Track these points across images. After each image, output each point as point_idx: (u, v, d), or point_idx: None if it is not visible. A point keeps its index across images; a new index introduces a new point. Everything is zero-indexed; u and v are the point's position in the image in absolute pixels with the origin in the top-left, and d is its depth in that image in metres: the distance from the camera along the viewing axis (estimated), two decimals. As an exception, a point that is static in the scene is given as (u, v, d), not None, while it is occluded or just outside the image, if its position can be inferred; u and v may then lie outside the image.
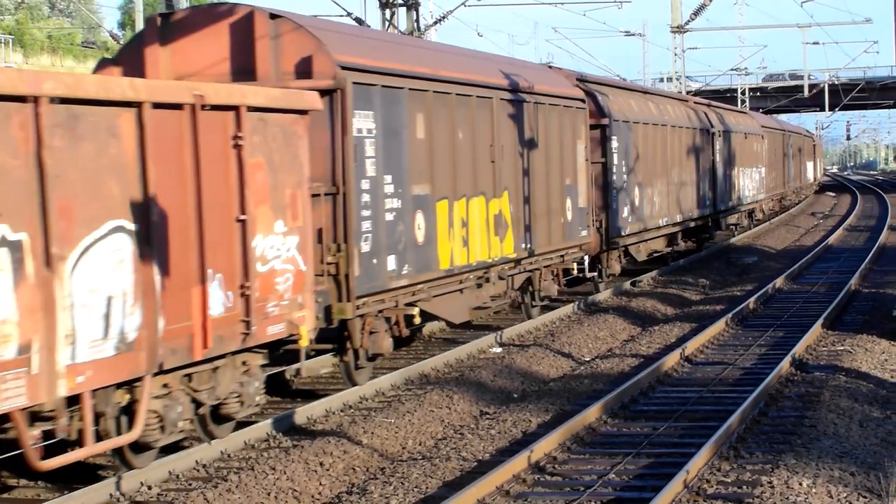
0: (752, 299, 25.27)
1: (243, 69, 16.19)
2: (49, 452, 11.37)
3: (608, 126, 27.46)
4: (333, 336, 16.94)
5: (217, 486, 12.29)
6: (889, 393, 16.43)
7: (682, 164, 34.88)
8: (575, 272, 26.20)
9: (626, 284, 28.87)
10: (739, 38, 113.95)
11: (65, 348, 10.88)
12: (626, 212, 28.63)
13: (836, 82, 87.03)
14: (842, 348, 19.81)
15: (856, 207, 65.73)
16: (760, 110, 76.71)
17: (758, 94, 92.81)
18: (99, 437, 11.85)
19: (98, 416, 11.84)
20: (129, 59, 16.64)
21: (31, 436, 10.88)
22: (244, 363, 14.15)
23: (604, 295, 26.98)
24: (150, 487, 12.46)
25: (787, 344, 20.03)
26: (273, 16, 16.29)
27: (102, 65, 17.15)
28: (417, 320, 18.14)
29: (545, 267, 23.83)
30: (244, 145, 13.43)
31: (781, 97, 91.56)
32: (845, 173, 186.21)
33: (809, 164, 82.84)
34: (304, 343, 14.60)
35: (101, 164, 11.42)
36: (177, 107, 12.47)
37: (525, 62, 26.43)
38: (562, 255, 24.64)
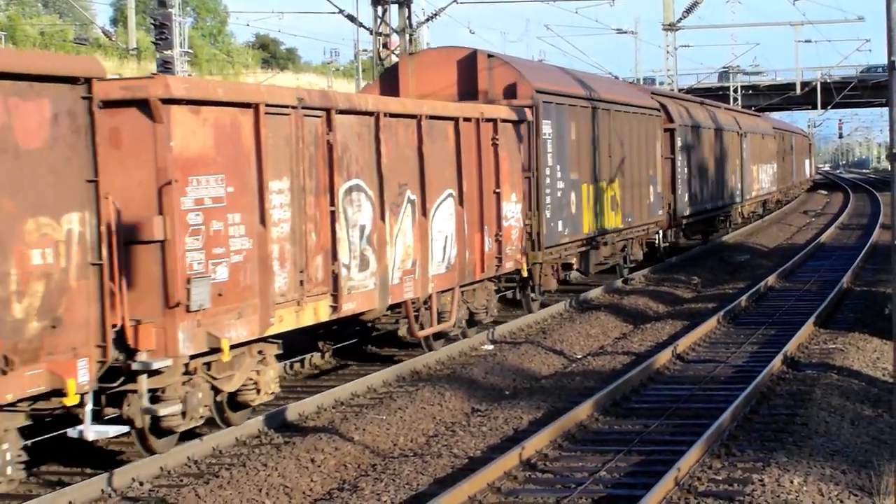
0: (744, 297, 25.34)
1: (467, 91, 23.61)
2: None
3: (675, 129, 34.90)
4: (515, 278, 24.25)
5: (209, 482, 12.33)
6: (880, 391, 16.36)
7: (719, 160, 42.38)
8: (655, 243, 33.64)
9: (619, 282, 29.43)
10: (732, 36, 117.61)
11: (428, 265, 18.34)
12: (686, 197, 36.08)
13: (829, 80, 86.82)
14: (833, 346, 19.78)
15: (848, 206, 65.48)
16: (753, 108, 78.09)
17: (750, 91, 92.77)
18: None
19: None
20: (386, 83, 24.11)
21: (412, 319, 18.35)
22: (485, 287, 21.57)
23: (596, 292, 27.40)
24: (141, 483, 12.57)
25: (779, 342, 19.88)
26: (489, 55, 23.76)
27: (366, 88, 24.61)
28: (575, 268, 25.56)
29: (635, 237, 31.28)
30: (499, 143, 20.88)
31: (774, 95, 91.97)
32: (837, 171, 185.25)
33: (806, 162, 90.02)
34: (524, 274, 22.12)
35: (442, 155, 18.90)
36: (469, 119, 19.93)
37: (621, 82, 33.97)
38: (645, 229, 32.08)
